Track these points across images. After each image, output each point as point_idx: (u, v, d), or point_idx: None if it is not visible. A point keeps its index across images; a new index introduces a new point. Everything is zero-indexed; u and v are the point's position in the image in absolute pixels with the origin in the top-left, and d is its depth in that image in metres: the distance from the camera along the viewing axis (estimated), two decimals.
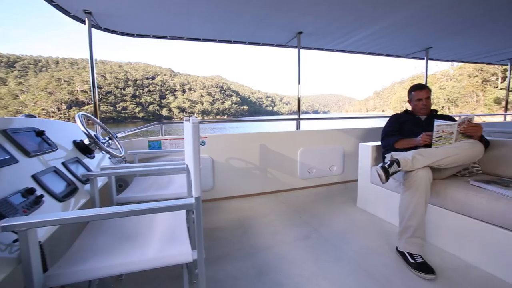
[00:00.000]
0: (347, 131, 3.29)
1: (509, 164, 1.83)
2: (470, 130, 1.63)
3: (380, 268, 1.53)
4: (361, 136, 3.36)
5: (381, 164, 1.59)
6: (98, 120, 2.07)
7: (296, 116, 3.32)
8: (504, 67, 5.26)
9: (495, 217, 1.42)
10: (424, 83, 4.55)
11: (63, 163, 1.22)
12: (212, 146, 2.78)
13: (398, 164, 1.57)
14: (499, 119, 5.73)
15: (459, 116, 1.68)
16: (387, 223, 2.12)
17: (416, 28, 3.21)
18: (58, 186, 1.05)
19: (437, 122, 1.65)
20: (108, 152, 1.55)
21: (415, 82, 4.45)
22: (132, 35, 3.08)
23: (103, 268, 0.80)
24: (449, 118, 2.02)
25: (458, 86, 37.83)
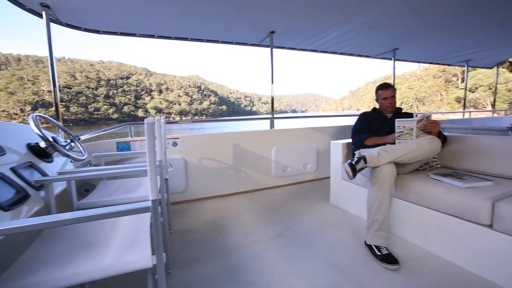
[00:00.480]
0: (320, 129, 3.37)
1: (464, 158, 1.96)
2: (429, 126, 1.72)
3: (349, 262, 1.58)
4: (334, 134, 3.46)
5: (349, 161, 1.63)
6: (57, 122, 1.94)
7: (270, 115, 3.34)
8: (462, 68, 5.74)
9: (450, 207, 1.52)
10: (392, 82, 4.78)
11: (12, 169, 1.12)
12: (185, 147, 2.72)
13: (365, 161, 1.63)
14: (459, 116, 6.19)
15: (423, 113, 1.78)
16: (358, 218, 2.20)
17: (383, 29, 3.35)
18: (4, 194, 0.96)
19: (398, 119, 1.74)
20: (67, 155, 1.46)
21: (388, 81, 4.66)
22: (97, 31, 2.92)
23: (51, 280, 0.74)
24: (412, 115, 2.13)
25: (424, 86, 40.28)
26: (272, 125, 3.26)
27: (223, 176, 2.87)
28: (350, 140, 2.39)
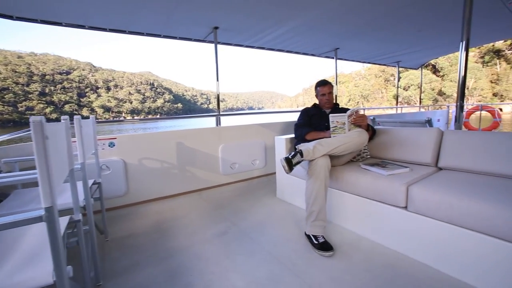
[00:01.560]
0: (268, 125, 3.42)
1: (390, 148, 2.18)
2: (358, 120, 1.87)
3: (289, 253, 1.63)
4: (281, 129, 3.54)
5: (285, 156, 1.68)
6: None
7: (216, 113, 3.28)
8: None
9: (376, 193, 1.67)
10: (334, 81, 5.09)
11: None
12: (124, 147, 2.52)
13: (301, 154, 1.69)
14: (394, 111, 6.94)
15: (352, 109, 1.91)
16: (302, 211, 2.27)
17: (325, 29, 3.53)
18: None
19: (331, 115, 1.85)
20: None
21: (335, 80, 4.96)
22: (10, 17, 2.52)
23: None
24: (347, 110, 2.28)
25: (368, 84, 44.23)
26: (218, 123, 3.21)
27: (167, 176, 2.74)
28: (293, 135, 2.47)
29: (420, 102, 7.56)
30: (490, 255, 1.20)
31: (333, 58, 5.01)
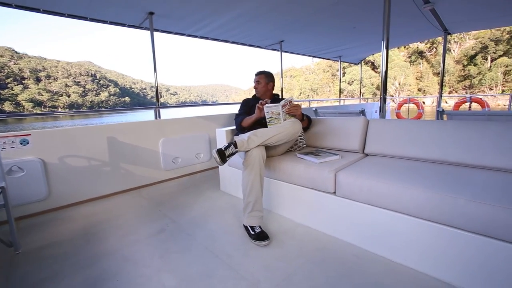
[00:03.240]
0: (211, 118, 3.33)
1: (324, 137, 2.30)
2: (292, 110, 1.91)
3: (226, 246, 1.61)
4: (226, 121, 3.48)
5: (217, 148, 1.64)
6: None
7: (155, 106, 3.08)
8: (343, 64, 6.99)
9: (309, 181, 1.74)
10: (280, 74, 5.21)
11: None
12: (42, 145, 2.19)
13: (235, 146, 1.66)
14: (338, 103, 7.48)
15: (286, 99, 1.94)
16: None
17: (267, 20, 3.54)
18: None
19: (266, 105, 1.86)
20: None
21: (289, 74, 5.05)
22: None
23: None
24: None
25: (317, 78, 46.69)
26: (157, 115, 3.02)
27: (98, 175, 2.47)
28: (234, 127, 2.44)
29: (361, 95, 8.27)
30: (402, 230, 1.34)
31: (278, 50, 5.10)
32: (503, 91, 28.24)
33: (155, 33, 3.12)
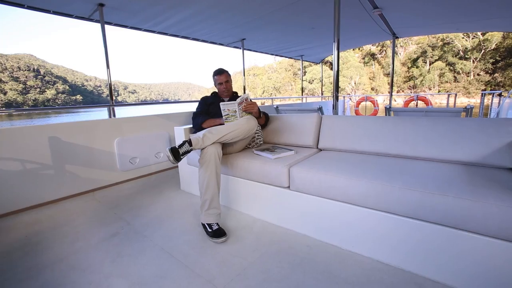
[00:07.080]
0: (171, 116, 3.22)
1: (281, 134, 2.37)
2: (248, 107, 1.94)
3: (183, 245, 1.58)
4: (186, 119, 3.39)
5: (171, 146, 1.60)
6: None
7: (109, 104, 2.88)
8: (304, 63, 7.31)
9: (264, 176, 1.78)
10: (242, 72, 5.22)
11: None
12: None
13: (190, 144, 1.64)
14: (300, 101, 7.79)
15: (242, 96, 1.97)
16: None
17: (227, 17, 3.51)
18: None
19: (222, 103, 1.86)
20: None
21: (252, 72, 5.05)
22: None
23: None
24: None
25: (279, 77, 47.73)
26: (111, 114, 2.83)
27: (41, 179, 2.24)
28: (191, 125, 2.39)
29: (322, 93, 8.69)
30: (349, 220, 1.45)
31: (240, 48, 5.09)
32: (439, 91, 32.24)
33: (108, 26, 2.91)
